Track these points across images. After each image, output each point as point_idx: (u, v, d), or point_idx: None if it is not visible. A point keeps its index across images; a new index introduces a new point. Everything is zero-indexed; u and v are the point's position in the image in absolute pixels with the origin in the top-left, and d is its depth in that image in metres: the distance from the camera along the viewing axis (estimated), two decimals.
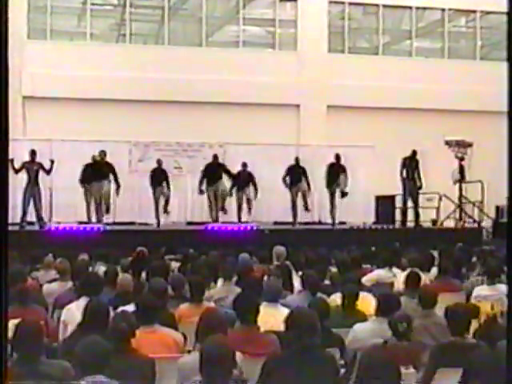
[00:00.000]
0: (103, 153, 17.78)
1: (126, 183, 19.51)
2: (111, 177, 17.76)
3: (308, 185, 19.10)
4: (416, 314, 6.98)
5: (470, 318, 6.01)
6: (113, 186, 17.80)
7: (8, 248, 2.42)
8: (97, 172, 17.64)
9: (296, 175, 18.98)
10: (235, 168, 19.15)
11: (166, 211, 18.58)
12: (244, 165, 19.10)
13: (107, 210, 17.80)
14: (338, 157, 19.00)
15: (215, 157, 18.84)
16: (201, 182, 18.48)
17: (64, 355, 5.32)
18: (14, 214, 16.96)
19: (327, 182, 18.97)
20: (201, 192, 18.53)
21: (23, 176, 16.94)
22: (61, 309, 7.50)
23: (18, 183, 17.01)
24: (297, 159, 19.22)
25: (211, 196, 18.43)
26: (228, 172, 18.65)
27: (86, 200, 17.87)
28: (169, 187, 18.67)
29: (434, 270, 10.35)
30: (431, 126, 23.80)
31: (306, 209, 19.13)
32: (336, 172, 18.86)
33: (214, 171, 18.50)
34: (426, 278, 9.36)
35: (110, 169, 17.83)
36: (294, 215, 19.10)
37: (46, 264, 10.72)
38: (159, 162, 18.92)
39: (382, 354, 4.39)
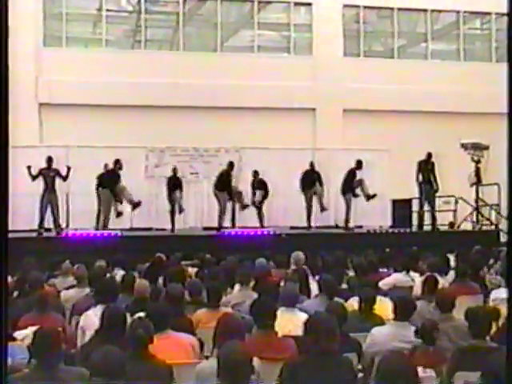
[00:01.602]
0: (117, 162, 17.66)
1: (142, 189, 19.58)
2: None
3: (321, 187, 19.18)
4: (434, 318, 6.95)
5: (491, 320, 5.99)
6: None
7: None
8: (106, 180, 17.66)
9: (310, 179, 18.99)
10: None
11: (180, 211, 18.62)
12: (255, 173, 19.31)
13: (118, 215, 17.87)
14: (359, 163, 18.92)
15: (231, 164, 18.71)
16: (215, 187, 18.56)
17: (82, 362, 5.33)
18: (32, 221, 17.07)
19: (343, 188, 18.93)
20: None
21: (40, 183, 17.02)
22: (78, 315, 7.52)
23: (34, 190, 17.10)
24: (311, 164, 19.24)
25: (223, 200, 18.42)
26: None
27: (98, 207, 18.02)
28: (181, 194, 18.75)
29: (452, 274, 10.31)
30: (447, 128, 23.70)
31: (322, 209, 19.12)
32: (353, 178, 18.82)
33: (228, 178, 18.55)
34: (443, 282, 9.32)
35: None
36: (309, 218, 19.12)
37: (64, 270, 10.75)
38: (175, 170, 18.88)
39: (399, 358, 4.36)
